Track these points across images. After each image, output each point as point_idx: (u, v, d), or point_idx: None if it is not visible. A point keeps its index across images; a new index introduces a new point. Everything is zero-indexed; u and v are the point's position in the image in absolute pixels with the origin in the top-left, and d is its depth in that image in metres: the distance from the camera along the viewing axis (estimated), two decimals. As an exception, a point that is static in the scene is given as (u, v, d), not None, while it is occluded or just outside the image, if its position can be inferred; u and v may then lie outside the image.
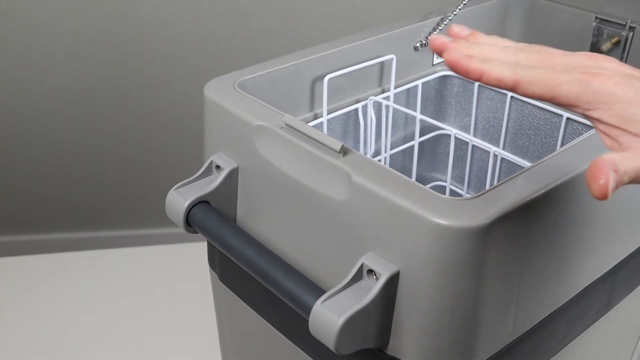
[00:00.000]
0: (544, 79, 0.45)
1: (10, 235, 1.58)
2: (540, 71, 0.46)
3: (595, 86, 0.44)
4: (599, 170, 0.42)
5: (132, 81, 1.44)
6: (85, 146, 1.49)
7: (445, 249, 0.48)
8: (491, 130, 0.85)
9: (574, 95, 0.44)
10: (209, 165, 0.66)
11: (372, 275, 0.52)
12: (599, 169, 0.42)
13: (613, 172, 0.42)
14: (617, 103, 0.44)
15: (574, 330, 0.66)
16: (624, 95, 0.44)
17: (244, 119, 0.62)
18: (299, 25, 1.43)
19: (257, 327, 0.70)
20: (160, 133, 1.50)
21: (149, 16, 1.37)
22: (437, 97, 0.87)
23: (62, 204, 1.56)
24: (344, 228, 0.55)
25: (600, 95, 0.44)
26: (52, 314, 1.37)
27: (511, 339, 0.57)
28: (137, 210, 1.59)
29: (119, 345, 1.30)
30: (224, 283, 0.73)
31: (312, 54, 0.73)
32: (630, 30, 0.84)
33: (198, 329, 1.33)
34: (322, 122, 0.76)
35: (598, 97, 0.44)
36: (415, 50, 0.81)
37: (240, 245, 0.60)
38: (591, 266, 0.63)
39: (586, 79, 0.44)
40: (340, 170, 0.54)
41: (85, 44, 1.38)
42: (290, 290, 0.55)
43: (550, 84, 0.45)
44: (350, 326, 0.50)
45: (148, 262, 1.53)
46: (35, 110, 1.44)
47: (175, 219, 0.64)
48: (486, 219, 0.48)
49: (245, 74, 0.69)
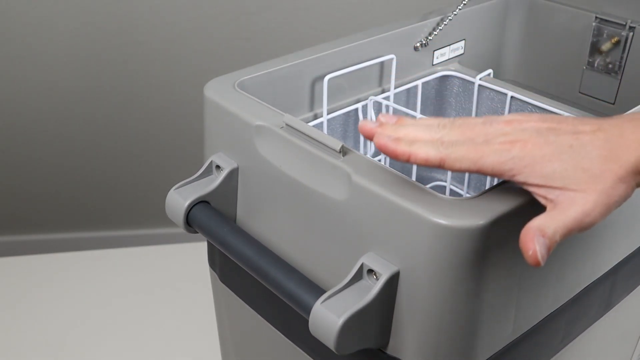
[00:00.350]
0: (466, 154, 0.47)
1: (10, 235, 1.58)
2: (462, 147, 0.47)
3: (515, 154, 0.46)
4: (526, 241, 0.44)
5: (132, 81, 1.44)
6: (85, 146, 1.49)
7: (445, 249, 0.48)
8: (491, 130, 0.85)
9: (498, 166, 0.46)
10: (209, 165, 0.66)
11: (372, 275, 0.52)
12: (526, 239, 0.44)
13: (541, 238, 0.44)
14: (537, 164, 0.45)
15: (574, 330, 0.66)
16: (542, 154, 0.45)
17: (244, 119, 0.62)
18: (299, 25, 1.43)
19: (257, 327, 0.70)
20: (160, 133, 1.50)
21: (149, 16, 1.37)
22: (437, 97, 0.87)
23: (62, 204, 1.56)
24: (344, 228, 0.55)
25: (520, 161, 0.46)
26: (52, 314, 1.37)
27: (511, 339, 0.57)
28: (137, 210, 1.59)
29: (119, 345, 1.30)
30: (224, 283, 0.73)
31: (312, 54, 0.73)
32: (630, 30, 0.84)
33: (198, 329, 1.33)
34: (322, 122, 0.76)
35: (519, 162, 0.46)
36: (415, 50, 0.81)
37: (240, 245, 0.60)
38: (591, 266, 0.63)
39: (505, 149, 0.46)
40: (341, 170, 0.54)
41: (85, 44, 1.38)
42: (290, 290, 0.55)
43: (473, 158, 0.47)
44: (350, 326, 0.50)
45: (148, 262, 1.53)
46: (35, 110, 1.44)
47: (175, 219, 0.64)
48: (486, 219, 0.48)
49: (245, 74, 0.69)
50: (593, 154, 0.45)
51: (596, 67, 0.89)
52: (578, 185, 0.45)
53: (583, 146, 0.45)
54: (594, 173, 0.45)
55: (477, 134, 0.48)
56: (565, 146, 0.46)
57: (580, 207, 0.44)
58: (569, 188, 0.45)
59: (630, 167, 0.45)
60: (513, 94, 0.80)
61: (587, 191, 0.45)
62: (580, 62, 0.90)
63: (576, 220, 0.45)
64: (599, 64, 0.88)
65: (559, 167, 0.45)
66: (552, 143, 0.46)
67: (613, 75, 0.87)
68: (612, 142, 0.46)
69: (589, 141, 0.46)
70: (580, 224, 0.45)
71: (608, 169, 0.45)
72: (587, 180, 0.45)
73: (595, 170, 0.45)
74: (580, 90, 0.91)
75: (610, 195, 0.45)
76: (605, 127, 0.47)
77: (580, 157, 0.45)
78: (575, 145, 0.46)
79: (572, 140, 0.46)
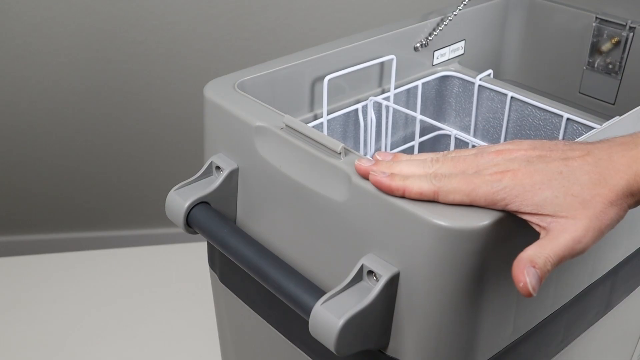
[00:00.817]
0: (459, 186, 0.48)
1: (10, 235, 1.58)
2: (455, 179, 0.48)
3: (506, 183, 0.46)
4: (517, 274, 0.44)
5: (132, 81, 1.44)
6: (85, 146, 1.49)
7: (445, 250, 0.48)
8: (491, 131, 0.85)
9: (490, 196, 0.47)
10: (209, 166, 0.66)
11: (372, 276, 0.52)
12: (517, 271, 0.44)
13: (532, 269, 0.44)
14: (528, 193, 0.46)
15: (574, 331, 0.66)
16: (533, 182, 0.46)
17: (244, 119, 0.62)
18: (299, 25, 1.43)
19: (257, 327, 0.70)
20: (160, 133, 1.50)
21: (149, 16, 1.37)
22: (437, 97, 0.87)
23: (62, 204, 1.56)
24: (344, 229, 0.55)
25: (511, 190, 0.46)
26: (52, 314, 1.37)
27: (511, 339, 0.57)
28: (137, 210, 1.59)
29: (119, 345, 1.30)
30: (224, 283, 0.73)
31: (312, 54, 0.73)
32: (631, 31, 0.84)
33: (198, 329, 1.33)
34: (322, 122, 0.76)
35: (510, 192, 0.46)
36: (415, 50, 0.81)
37: (240, 246, 0.60)
38: (591, 267, 0.63)
39: (496, 179, 0.47)
40: (341, 171, 0.54)
41: (85, 44, 1.38)
42: (290, 291, 0.55)
43: (465, 190, 0.48)
44: (350, 327, 0.50)
45: (148, 262, 1.53)
46: (35, 110, 1.44)
47: (175, 219, 0.64)
48: (486, 220, 0.48)
49: (245, 74, 0.69)
50: (583, 179, 0.45)
51: (596, 67, 0.89)
52: (569, 212, 0.45)
53: (572, 172, 0.46)
54: (584, 198, 0.45)
55: (468, 166, 0.49)
56: (555, 173, 0.46)
57: (570, 234, 0.45)
58: (560, 215, 0.45)
59: (620, 191, 0.45)
60: (513, 94, 0.80)
61: (578, 217, 0.45)
62: (580, 62, 0.90)
63: (567, 248, 0.45)
64: (599, 64, 0.88)
65: (550, 194, 0.45)
66: (542, 171, 0.46)
67: (613, 75, 0.87)
68: (602, 167, 0.46)
69: (578, 166, 0.46)
70: (572, 250, 0.45)
71: (598, 193, 0.45)
72: (578, 206, 0.45)
73: (586, 195, 0.45)
74: (580, 91, 0.91)
75: (602, 220, 0.45)
76: (594, 152, 0.47)
77: (570, 183, 0.45)
78: (565, 171, 0.46)
79: (561, 166, 0.46)
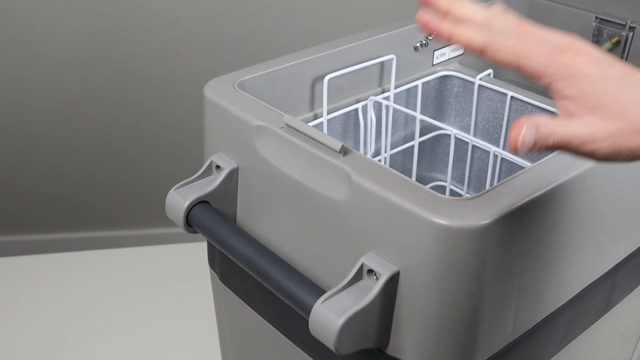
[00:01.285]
0: (512, 47, 0.46)
1: (10, 235, 1.58)
2: (510, 39, 0.46)
3: (563, 60, 0.45)
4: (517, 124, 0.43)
5: (132, 81, 1.44)
6: (85, 146, 1.49)
7: (445, 249, 0.48)
8: (491, 130, 0.85)
9: (540, 67, 0.45)
10: (209, 165, 0.66)
11: (372, 275, 0.52)
12: (518, 123, 0.43)
13: (532, 129, 0.43)
14: (581, 78, 0.44)
15: (574, 330, 0.66)
16: (589, 71, 0.44)
17: (244, 119, 0.62)
18: (299, 25, 1.43)
19: (257, 327, 0.70)
20: (160, 133, 1.50)
21: (149, 16, 1.37)
22: (437, 97, 0.87)
23: (62, 204, 1.55)
24: (344, 228, 0.55)
25: (565, 69, 0.44)
26: (52, 314, 1.37)
27: (511, 339, 0.57)
28: (137, 210, 1.59)
29: (119, 345, 1.30)
30: (224, 283, 0.73)
31: (312, 54, 0.73)
32: (630, 30, 0.84)
33: (198, 329, 1.33)
34: (322, 122, 0.76)
35: (563, 70, 0.44)
36: (415, 50, 0.81)
37: (240, 245, 0.60)
38: (591, 266, 0.63)
39: (555, 53, 0.45)
40: (341, 170, 0.54)
41: (85, 44, 1.38)
42: (290, 290, 0.55)
43: (517, 52, 0.45)
44: (350, 326, 0.50)
45: (148, 262, 1.53)
46: (35, 110, 1.44)
47: (175, 219, 0.64)
48: (486, 218, 0.48)
49: (245, 74, 0.69)
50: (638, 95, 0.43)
51: (596, 67, 0.89)
52: (605, 114, 0.43)
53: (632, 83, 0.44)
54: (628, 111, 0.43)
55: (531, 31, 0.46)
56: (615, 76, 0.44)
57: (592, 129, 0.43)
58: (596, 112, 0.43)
59: None
60: (513, 94, 0.80)
61: (610, 122, 0.43)
62: (580, 62, 0.90)
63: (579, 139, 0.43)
64: (599, 64, 0.88)
65: (602, 90, 0.44)
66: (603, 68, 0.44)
67: (613, 75, 0.87)
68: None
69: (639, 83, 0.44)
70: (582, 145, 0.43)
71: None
72: (617, 114, 0.43)
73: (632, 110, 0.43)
74: (580, 90, 0.91)
75: (629, 140, 0.43)
76: None
77: (625, 91, 0.44)
78: (626, 79, 0.44)
79: (625, 74, 0.44)
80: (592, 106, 0.43)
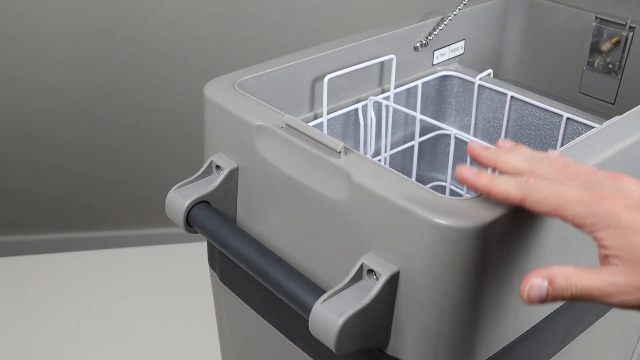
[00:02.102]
0: (550, 197, 0.45)
1: (10, 235, 1.58)
2: (549, 187, 0.45)
3: (601, 210, 0.43)
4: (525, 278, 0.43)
5: (132, 81, 1.44)
6: (85, 146, 1.49)
7: (445, 249, 0.48)
8: (491, 130, 0.85)
9: (579, 218, 0.44)
10: (209, 165, 0.66)
11: (372, 275, 0.52)
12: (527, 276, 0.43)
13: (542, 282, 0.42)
14: (620, 228, 0.42)
15: (574, 330, 0.66)
16: (628, 221, 0.42)
17: (244, 119, 0.62)
18: (299, 25, 1.43)
19: (257, 327, 0.70)
20: (160, 133, 1.50)
21: (149, 16, 1.37)
22: (437, 97, 0.87)
23: (62, 204, 1.56)
24: (344, 228, 0.55)
25: (604, 220, 0.43)
26: (52, 314, 1.37)
27: (511, 339, 0.57)
28: (137, 210, 1.59)
29: (119, 345, 1.30)
30: (224, 283, 0.73)
31: (312, 54, 0.73)
32: (630, 30, 0.84)
33: (198, 329, 1.33)
34: (322, 122, 0.76)
35: (602, 220, 0.43)
36: (415, 50, 0.81)
37: (240, 245, 0.60)
38: (591, 266, 0.62)
39: (594, 201, 0.43)
40: (341, 170, 0.54)
41: (85, 44, 1.38)
42: (290, 290, 0.55)
43: (556, 203, 0.44)
44: (350, 326, 0.50)
45: (148, 262, 1.53)
46: (35, 110, 1.44)
47: (175, 219, 0.64)
48: (486, 219, 0.48)
49: (245, 74, 0.69)
50: None
51: (596, 67, 0.89)
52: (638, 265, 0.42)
53: None
54: None
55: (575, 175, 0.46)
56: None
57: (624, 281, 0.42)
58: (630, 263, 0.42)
59: None
60: (513, 94, 0.80)
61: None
62: (580, 62, 0.90)
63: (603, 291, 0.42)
64: (599, 64, 0.88)
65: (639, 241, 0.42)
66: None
67: (613, 75, 0.87)
68: None
69: None
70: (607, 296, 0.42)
71: None
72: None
73: None
74: (580, 90, 0.91)
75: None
76: None
77: None
78: None
79: None
80: (630, 258, 0.42)
